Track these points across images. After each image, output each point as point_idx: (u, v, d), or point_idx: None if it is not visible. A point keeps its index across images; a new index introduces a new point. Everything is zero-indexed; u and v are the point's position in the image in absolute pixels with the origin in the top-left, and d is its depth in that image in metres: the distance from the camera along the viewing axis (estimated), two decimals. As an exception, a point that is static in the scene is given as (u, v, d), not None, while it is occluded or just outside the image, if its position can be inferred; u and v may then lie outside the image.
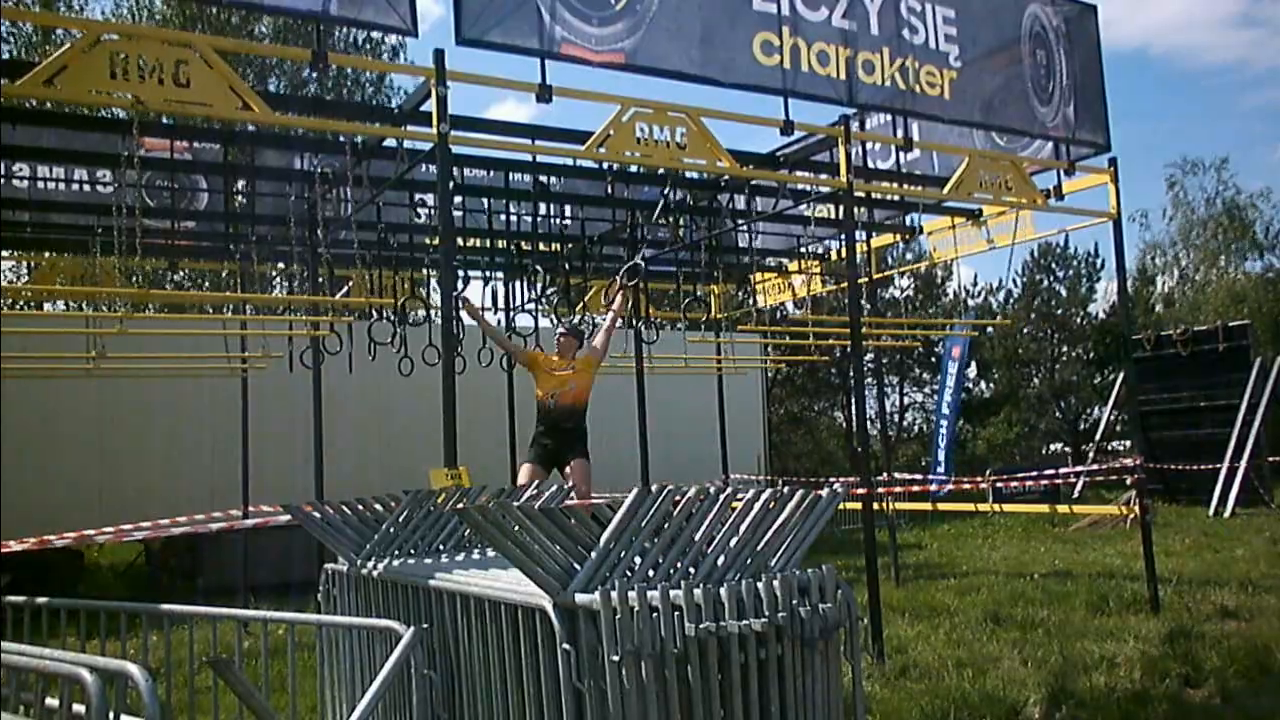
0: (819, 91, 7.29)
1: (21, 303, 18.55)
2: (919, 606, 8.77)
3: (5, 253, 11.79)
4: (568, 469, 8.20)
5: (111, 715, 2.67)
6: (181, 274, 19.17)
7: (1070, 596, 8.95)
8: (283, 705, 4.38)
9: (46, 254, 11.26)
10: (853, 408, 24.91)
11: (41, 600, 5.09)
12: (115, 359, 9.15)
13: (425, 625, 3.84)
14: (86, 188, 9.40)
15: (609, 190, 9.32)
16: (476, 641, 3.67)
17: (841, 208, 8.66)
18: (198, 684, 4.93)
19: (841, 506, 3.88)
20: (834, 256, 12.57)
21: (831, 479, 15.79)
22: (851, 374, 13.02)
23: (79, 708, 2.72)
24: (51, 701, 2.97)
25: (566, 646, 3.09)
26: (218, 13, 21.21)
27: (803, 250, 11.86)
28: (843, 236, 9.11)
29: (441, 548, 4.67)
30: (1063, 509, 13.99)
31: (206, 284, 20.29)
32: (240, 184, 10.18)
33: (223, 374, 10.48)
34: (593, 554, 3.30)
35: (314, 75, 22.44)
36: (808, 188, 9.41)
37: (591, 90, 6.64)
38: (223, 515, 9.22)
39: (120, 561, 15.38)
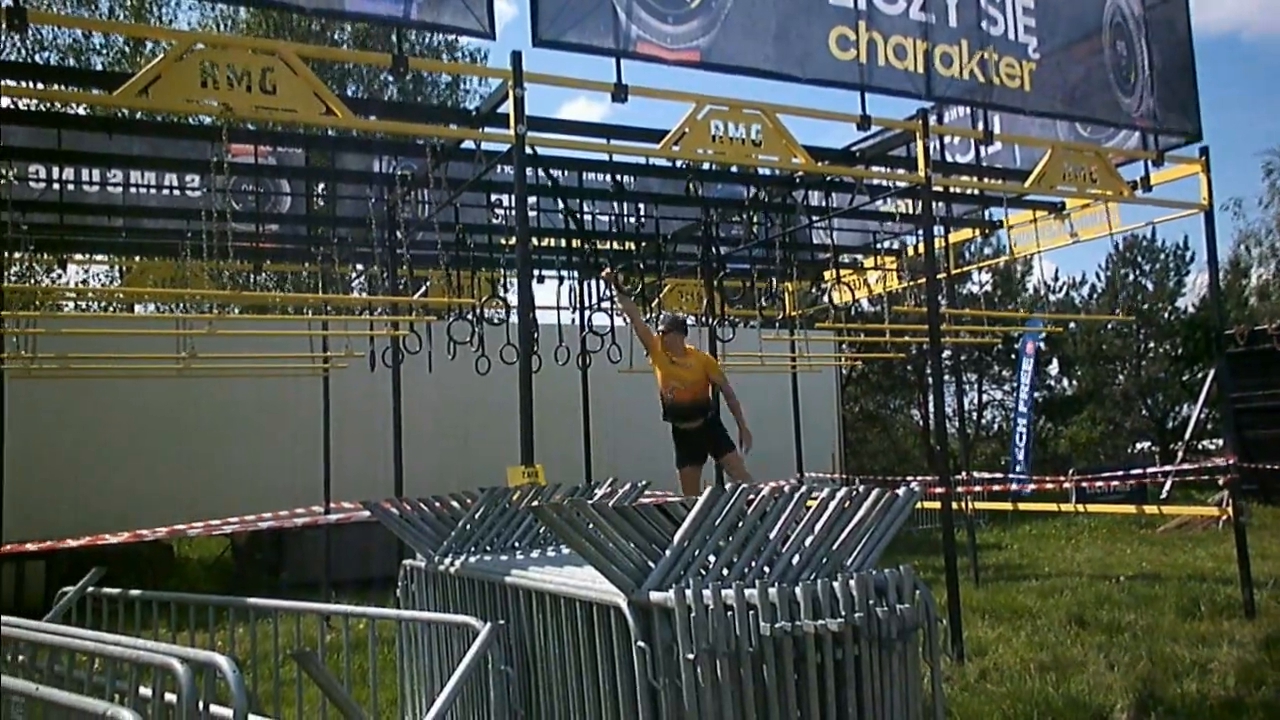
0: (896, 85, 7.20)
1: (115, 305, 19.22)
2: (999, 608, 8.60)
3: (100, 256, 12.25)
4: (723, 463, 8.38)
5: (201, 705, 2.76)
6: (266, 276, 19.69)
7: (1159, 600, 8.69)
8: (364, 698, 4.47)
9: (138, 258, 11.65)
10: (930, 405, 24.49)
11: (135, 593, 5.28)
12: (204, 359, 9.42)
13: (502, 621, 3.88)
14: (176, 193, 9.72)
15: (685, 189, 9.32)
16: (552, 638, 3.70)
17: (919, 203, 8.53)
18: (282, 676, 5.06)
19: (919, 506, 3.83)
20: (911, 252, 12.39)
21: (908, 477, 15.55)
22: (929, 371, 12.83)
23: (171, 697, 2.81)
24: (145, 690, 3.08)
25: (641, 644, 3.10)
26: (299, 20, 21.70)
27: (879, 246, 11.72)
28: (920, 232, 8.97)
29: (517, 545, 4.71)
30: (1150, 510, 13.57)
31: (290, 285, 20.79)
32: (322, 187, 10.43)
33: (306, 373, 10.72)
34: (667, 552, 3.30)
35: (392, 79, 22.85)
36: (884, 183, 9.29)
37: (666, 89, 6.65)
38: (305, 511, 9.44)
39: (208, 556, 15.86)
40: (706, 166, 9.19)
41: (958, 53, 7.38)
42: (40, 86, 7.65)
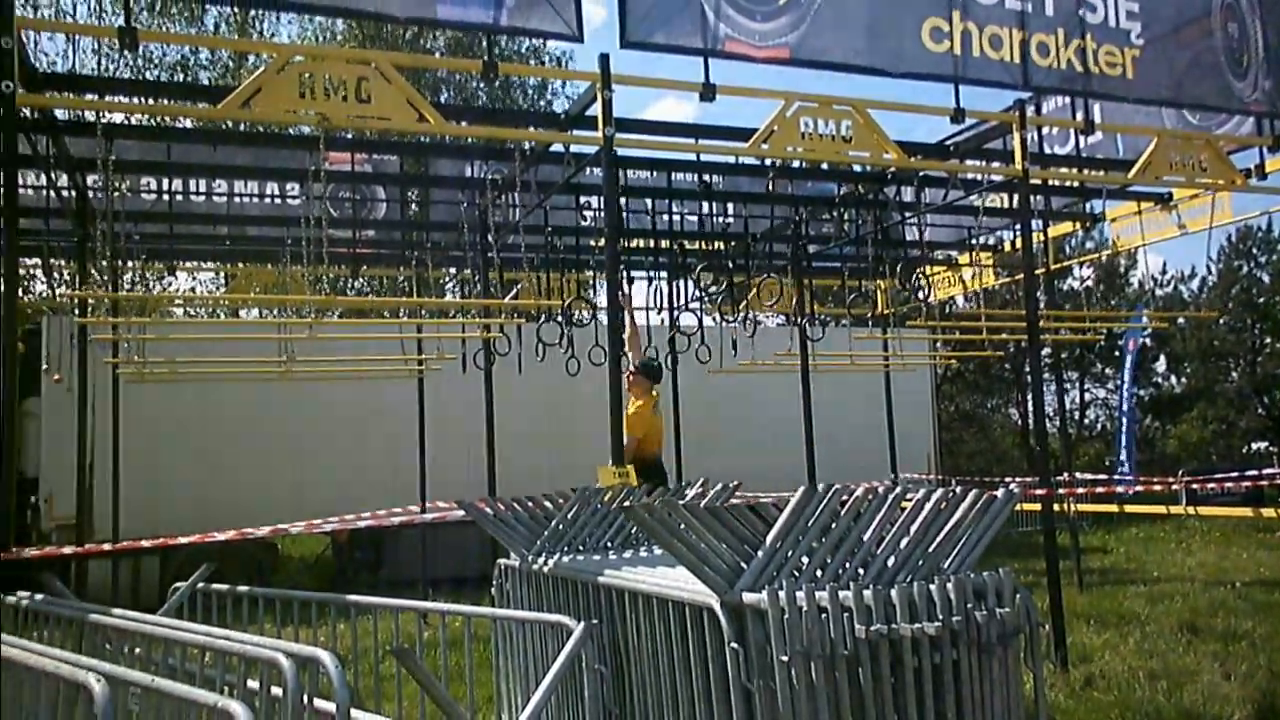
0: (991, 77, 7.03)
1: (220, 310, 19.93)
2: (1105, 613, 8.32)
3: (207, 264, 12.71)
4: None
5: (305, 699, 2.84)
6: (362, 280, 20.19)
7: (1279, 607, 8.30)
8: (461, 695, 4.54)
9: (242, 265, 12.06)
10: (1029, 404, 23.88)
11: (242, 589, 5.46)
12: (303, 362, 9.68)
13: (595, 621, 3.90)
14: (277, 201, 10.03)
15: (771, 186, 9.25)
16: (645, 638, 3.71)
17: (1016, 196, 8.31)
18: (382, 671, 5.18)
19: (1018, 507, 3.73)
20: (1008, 247, 12.08)
21: (1007, 479, 15.17)
22: (1027, 369, 12.49)
23: (277, 690, 2.89)
24: (253, 684, 3.18)
25: (735, 645, 3.08)
26: (393, 30, 22.18)
27: (974, 242, 11.45)
28: (1018, 226, 8.75)
29: (609, 544, 4.73)
30: (1269, 513, 12.97)
31: (385, 289, 21.28)
32: (416, 193, 10.64)
33: (401, 375, 10.94)
34: (759, 553, 3.28)
35: (483, 86, 23.22)
36: (980, 177, 9.07)
37: (754, 87, 6.61)
38: (402, 511, 9.64)
39: (309, 554, 16.32)
40: (796, 164, 9.09)
41: (1055, 42, 7.17)
42: (150, 102, 7.97)
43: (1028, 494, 6.95)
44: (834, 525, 3.32)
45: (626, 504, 4.39)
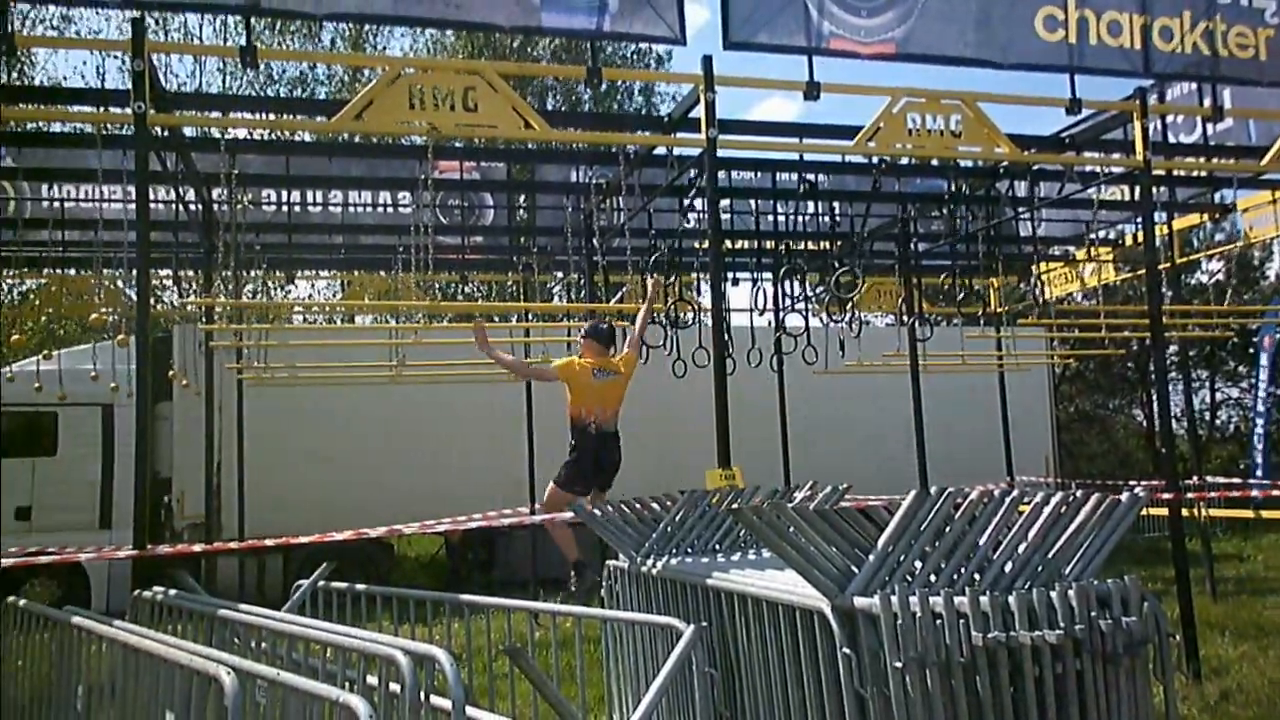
0: (1110, 65, 6.78)
1: (337, 317, 20.59)
2: (1242, 625, 7.92)
3: (323, 272, 13.15)
4: (598, 495, 7.15)
5: (422, 695, 2.90)
6: (471, 286, 20.60)
7: None
8: (572, 695, 4.58)
9: (356, 272, 12.43)
10: (1154, 405, 22.88)
11: (360, 587, 5.63)
12: (414, 366, 9.91)
13: (705, 623, 3.89)
14: (389, 210, 10.32)
15: (878, 184, 9.10)
16: (755, 641, 3.68)
17: (1138, 188, 7.99)
18: (495, 670, 5.26)
19: (1144, 512, 3.58)
20: (1129, 241, 11.62)
21: (1131, 482, 14.58)
22: (1152, 368, 11.98)
23: (395, 687, 2.97)
24: (371, 679, 3.28)
25: (846, 651, 3.04)
26: (501, 39, 22.58)
27: (1092, 236, 11.05)
28: (1139, 219, 8.40)
29: (718, 547, 4.72)
30: None
31: (494, 294, 21.65)
32: (523, 198, 10.80)
33: (510, 378, 11.10)
34: (870, 557, 3.22)
35: (589, 91, 23.45)
36: (1098, 169, 8.75)
37: (858, 84, 6.51)
38: (512, 512, 9.78)
39: (424, 554, 16.70)
40: (903, 161, 8.93)
41: (1179, 25, 6.88)
42: (271, 117, 8.29)
43: (1154, 498, 6.66)
44: (948, 529, 3.25)
45: (734, 506, 4.37)
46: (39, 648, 4.93)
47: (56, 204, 9.12)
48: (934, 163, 9.18)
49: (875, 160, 8.56)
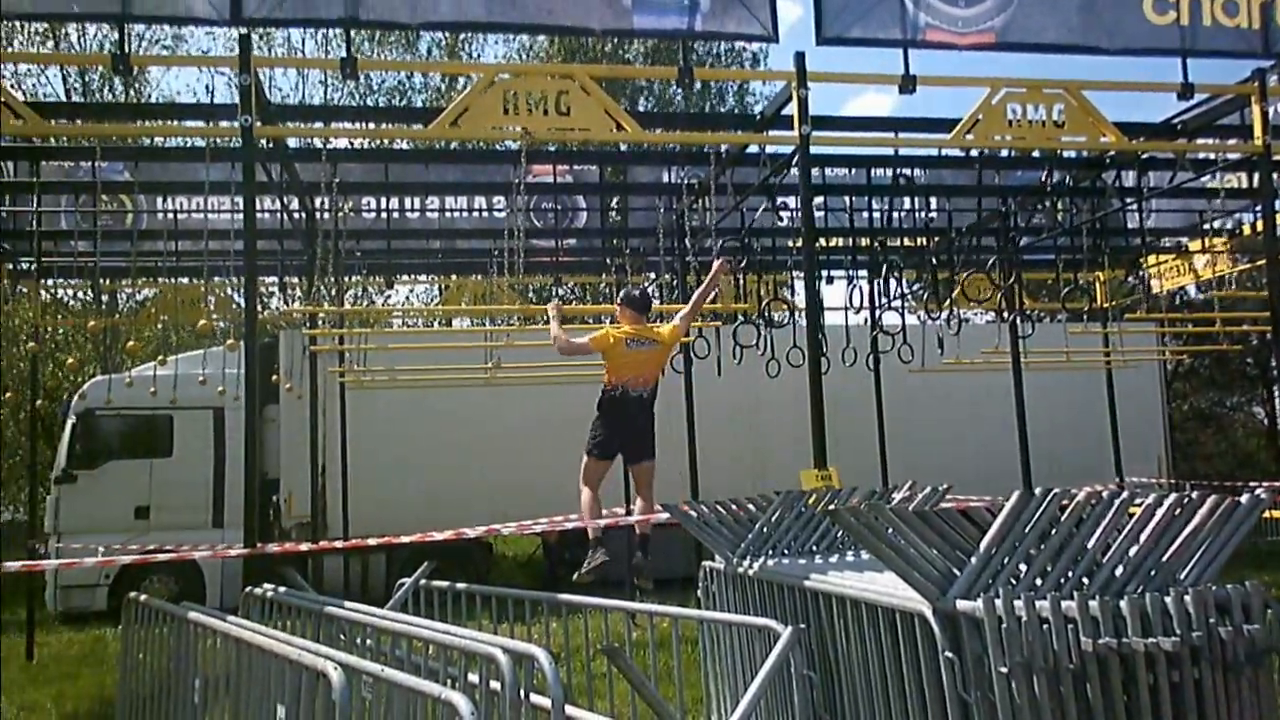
0: (1225, 46, 6.50)
1: (435, 320, 20.99)
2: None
3: (421, 277, 13.43)
4: (636, 470, 7.04)
5: (522, 693, 2.94)
6: (565, 288, 20.75)
7: None
8: (670, 695, 4.59)
9: (453, 276, 12.65)
10: (1276, 402, 21.84)
11: (460, 586, 5.73)
12: (509, 369, 10.04)
13: (803, 625, 3.85)
14: (484, 215, 10.48)
15: (978, 178, 8.89)
16: (855, 644, 3.63)
17: (1256, 174, 7.64)
18: (594, 669, 5.30)
19: (1266, 515, 3.41)
20: (1247, 230, 11.11)
21: (1251, 483, 13.94)
22: (1274, 364, 11.45)
23: (495, 684, 3.01)
24: (473, 677, 3.33)
25: (949, 655, 2.97)
26: (594, 43, 22.76)
27: (1206, 226, 10.61)
28: (1258, 207, 8.04)
29: (814, 548, 4.67)
30: None
31: (588, 296, 21.82)
32: (615, 200, 10.86)
33: (600, 380, 11.15)
34: (972, 559, 3.15)
35: (681, 91, 23.48)
36: (1212, 156, 8.39)
37: (955, 75, 6.37)
38: (608, 512, 9.83)
39: (522, 553, 16.91)
40: (1004, 153, 8.71)
41: (1300, 3, 6.56)
42: (370, 126, 8.51)
43: (1277, 500, 6.36)
44: (1054, 531, 3.15)
45: (831, 507, 4.32)
46: (158, 642, 5.14)
47: (169, 216, 9.52)
48: (1036, 154, 8.93)
49: (974, 153, 8.37)
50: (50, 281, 11.09)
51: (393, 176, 9.10)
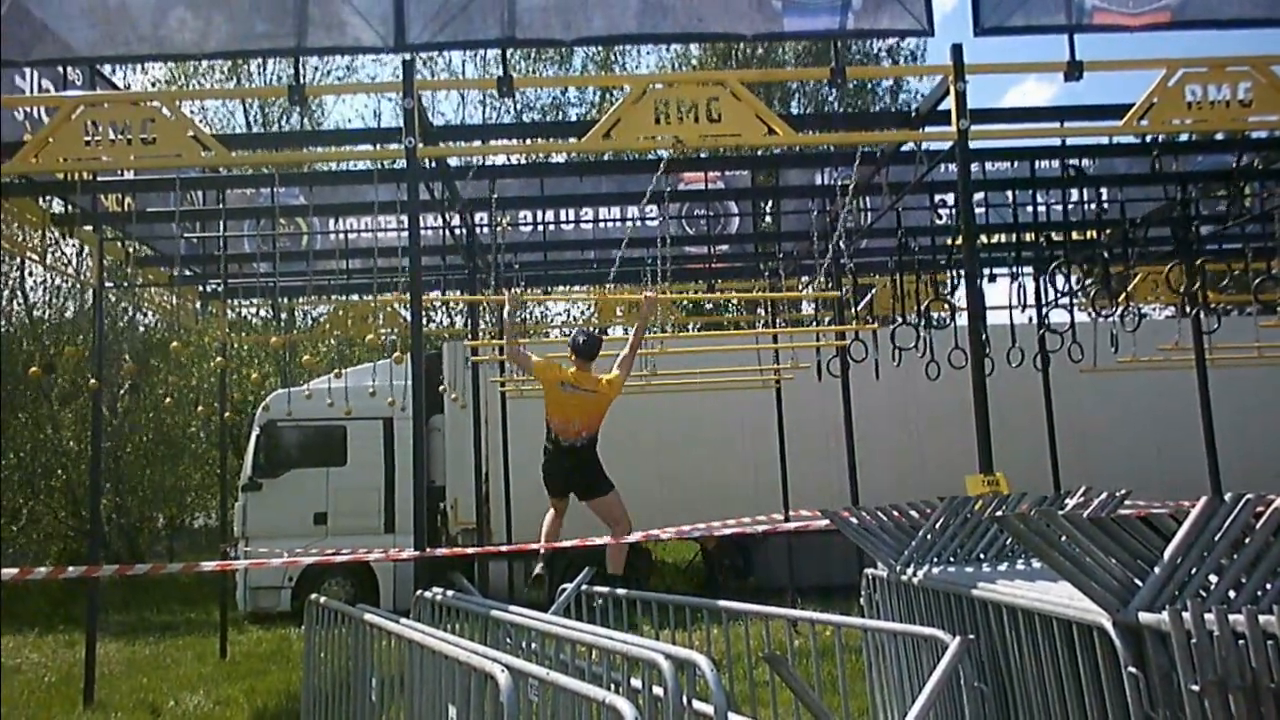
0: None
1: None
2: None
3: (577, 287, 13.69)
4: (595, 506, 7.30)
5: (685, 700, 2.95)
6: (718, 294, 20.78)
7: None
8: (835, 705, 4.51)
9: (607, 285, 12.85)
10: None
11: (621, 591, 5.80)
12: (664, 375, 10.10)
13: (971, 636, 3.72)
14: (637, 224, 10.60)
15: (1153, 165, 8.41)
16: (1028, 656, 3.48)
17: None
18: (755, 677, 5.27)
19: None
20: None
21: None
22: None
23: (658, 690, 3.03)
24: (635, 682, 3.36)
25: (1133, 670, 2.81)
26: (744, 47, 22.72)
27: None
28: None
29: (982, 556, 4.50)
30: None
31: (740, 302, 21.77)
32: (767, 204, 10.79)
33: (757, 385, 11.11)
34: (1156, 569, 2.97)
35: (834, 92, 23.19)
36: None
37: (1125, 58, 6.06)
38: (766, 519, 9.78)
39: (680, 559, 16.97)
40: (1182, 137, 8.21)
41: None
42: (526, 142, 8.74)
43: None
44: (1248, 540, 2.94)
45: (999, 513, 4.16)
46: (338, 641, 5.40)
47: (340, 236, 10.03)
48: (1218, 137, 8.38)
49: (1149, 139, 7.93)
50: (235, 301, 11.86)
51: (548, 189, 9.31)
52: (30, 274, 18.97)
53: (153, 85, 21.52)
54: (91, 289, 9.20)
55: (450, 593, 5.15)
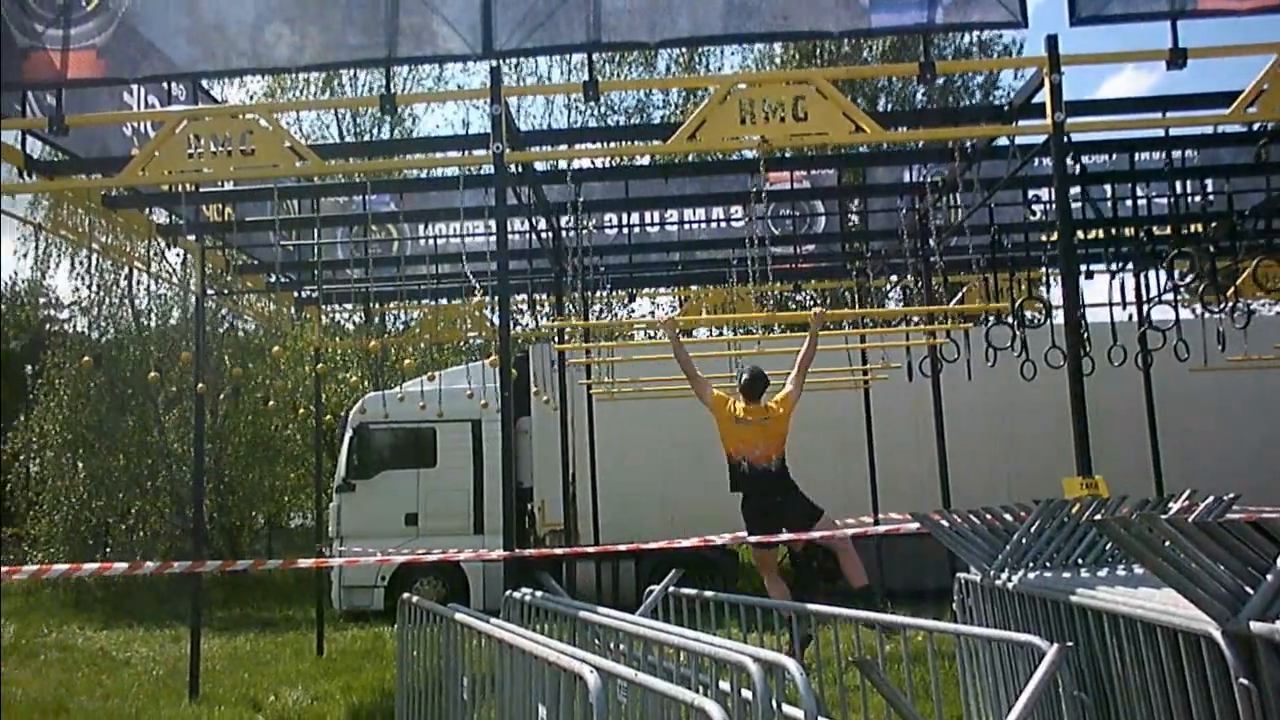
0: None
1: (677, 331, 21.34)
2: None
3: (663, 289, 13.71)
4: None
5: (774, 703, 2.92)
6: (805, 294, 20.61)
7: None
8: (927, 712, 4.43)
9: (693, 287, 12.83)
10: None
11: (708, 594, 5.78)
12: (753, 377, 10.03)
13: (1070, 643, 3.61)
14: (722, 225, 10.57)
15: (1263, 154, 8.06)
16: (1130, 665, 3.37)
17: None
18: (845, 682, 5.20)
19: None
20: None
21: None
22: None
23: (746, 694, 3.01)
24: (724, 685, 3.34)
25: (1244, 682, 2.69)
26: (830, 45, 22.49)
27: None
28: None
29: (1080, 561, 4.37)
30: None
31: (828, 302, 21.55)
32: (854, 203, 10.66)
33: (846, 386, 10.97)
34: (1269, 576, 2.84)
35: (922, 87, 22.83)
36: None
37: (1232, 44, 5.82)
38: (855, 522, 9.65)
39: (768, 561, 16.84)
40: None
41: None
42: (611, 145, 8.78)
43: None
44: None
45: (1098, 517, 4.03)
46: (430, 640, 5.50)
47: (430, 241, 10.21)
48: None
49: (1256, 128, 7.61)
50: (329, 306, 12.17)
51: (633, 192, 9.35)
52: (138, 283, 19.80)
53: (250, 98, 22.26)
54: (194, 296, 9.54)
55: (539, 593, 5.20)
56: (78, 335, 20.50)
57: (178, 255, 9.95)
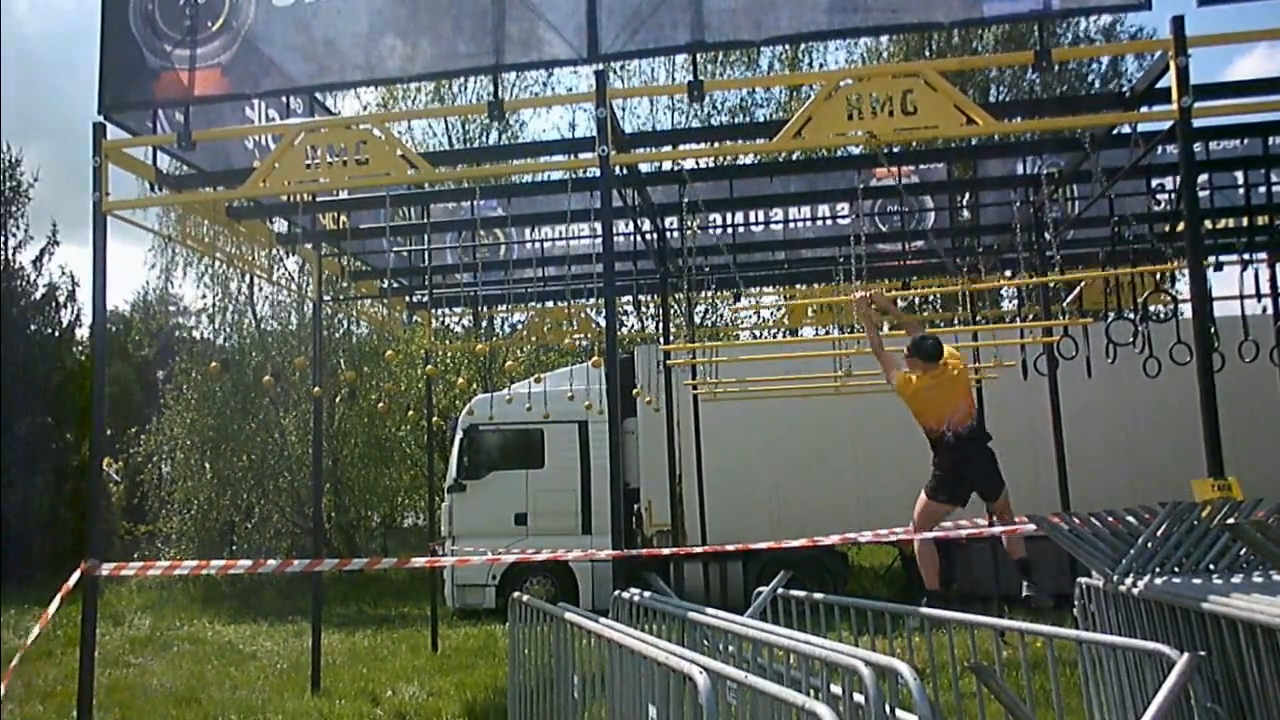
0: None
1: (781, 331, 21.17)
2: None
3: (767, 288, 13.60)
4: (994, 507, 7.22)
5: (887, 708, 2.86)
6: (914, 292, 20.24)
7: None
8: (1047, 720, 4.29)
9: (798, 286, 12.70)
10: None
11: (818, 596, 5.71)
12: (859, 376, 9.89)
13: (1202, 652, 3.45)
14: (828, 222, 10.43)
15: None
16: (1269, 676, 3.20)
17: None
18: (961, 688, 5.07)
19: None
20: None
21: None
22: None
23: (858, 698, 2.96)
24: (835, 689, 3.29)
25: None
26: (940, 36, 22.01)
27: None
28: None
29: (1211, 567, 4.17)
30: None
31: (939, 299, 21.07)
32: (965, 197, 10.40)
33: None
34: None
35: (1038, 77, 22.15)
36: None
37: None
38: (969, 523, 9.42)
39: (879, 564, 16.58)
40: None
41: None
42: (715, 145, 8.75)
43: None
44: None
45: (1231, 521, 3.84)
46: (540, 639, 5.56)
47: (537, 245, 10.35)
48: None
49: None
50: (439, 311, 12.45)
51: (737, 191, 9.30)
52: (258, 290, 20.62)
53: (364, 109, 22.93)
54: (311, 302, 9.87)
55: (647, 594, 5.21)
56: (204, 342, 21.46)
57: (296, 263, 10.32)
